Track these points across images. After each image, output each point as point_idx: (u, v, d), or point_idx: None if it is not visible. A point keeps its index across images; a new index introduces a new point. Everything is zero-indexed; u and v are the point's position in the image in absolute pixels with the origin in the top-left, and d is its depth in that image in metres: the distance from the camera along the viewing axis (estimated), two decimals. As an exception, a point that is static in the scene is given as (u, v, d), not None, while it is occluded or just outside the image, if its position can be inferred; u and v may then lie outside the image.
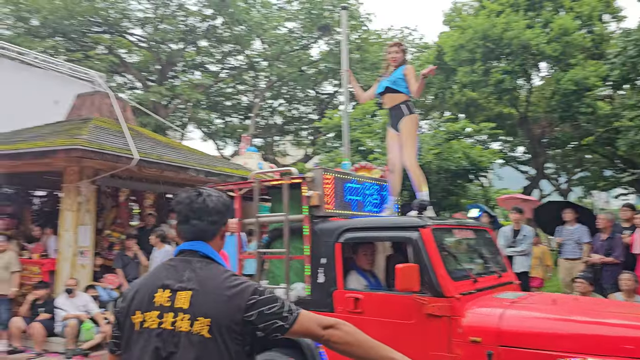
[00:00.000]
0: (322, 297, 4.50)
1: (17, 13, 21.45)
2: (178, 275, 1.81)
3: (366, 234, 4.58)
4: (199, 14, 23.71)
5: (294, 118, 29.26)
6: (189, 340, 1.71)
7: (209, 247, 1.89)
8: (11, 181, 10.58)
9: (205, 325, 1.71)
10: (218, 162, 12.11)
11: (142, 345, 1.75)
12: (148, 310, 1.78)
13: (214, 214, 1.90)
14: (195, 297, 1.74)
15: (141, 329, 1.77)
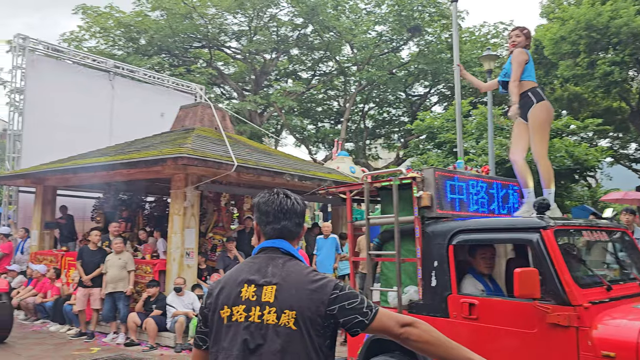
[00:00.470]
0: (435, 301, 4.32)
1: (128, 34, 23.39)
2: (262, 271, 1.89)
3: (481, 236, 4.28)
4: (290, 23, 24.43)
5: (384, 121, 29.17)
6: (276, 332, 1.78)
7: (290, 245, 1.97)
8: (126, 188, 11.56)
9: (292, 317, 1.78)
10: (311, 166, 12.40)
11: (231, 337, 1.83)
12: (235, 304, 1.86)
13: (300, 216, 2.01)
14: (279, 291, 1.82)
15: (229, 322, 1.85)
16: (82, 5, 23.30)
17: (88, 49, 22.99)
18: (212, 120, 11.55)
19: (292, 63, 27.36)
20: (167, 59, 23.97)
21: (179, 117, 12.05)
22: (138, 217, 11.49)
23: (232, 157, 8.76)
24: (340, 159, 17.21)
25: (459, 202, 4.86)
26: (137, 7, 23.77)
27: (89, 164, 9.51)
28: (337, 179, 11.19)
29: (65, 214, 12.08)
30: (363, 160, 26.83)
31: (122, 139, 12.48)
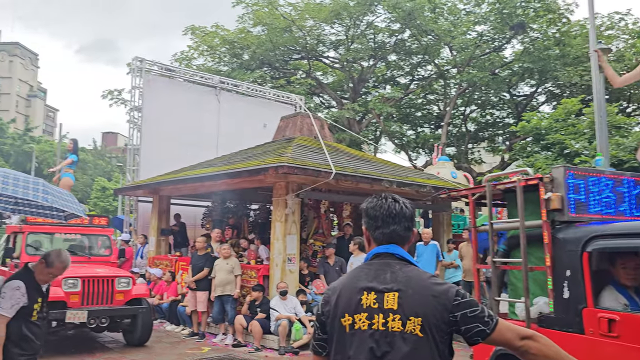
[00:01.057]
0: (568, 315, 3.93)
1: (232, 51, 24.68)
2: (380, 277, 1.87)
3: (622, 242, 3.73)
4: (387, 29, 24.37)
5: (487, 124, 28.06)
6: (403, 339, 1.77)
7: (403, 250, 1.94)
8: (232, 196, 12.16)
9: (417, 324, 1.77)
10: (410, 172, 12.25)
11: (357, 346, 1.82)
12: (357, 312, 1.84)
13: (410, 219, 1.97)
14: (402, 298, 1.80)
15: (352, 330, 1.84)
16: (191, 27, 24.98)
17: (197, 67, 24.57)
18: (311, 129, 11.83)
19: (390, 69, 27.24)
20: (268, 71, 24.92)
21: (280, 128, 12.47)
22: (243, 224, 12.02)
23: (330, 165, 8.91)
24: (441, 164, 16.82)
25: (595, 203, 4.42)
26: (240, 25, 25.01)
27: (198, 175, 10.15)
28: (438, 185, 10.96)
29: (179, 222, 12.96)
30: (465, 164, 25.98)
31: (227, 150, 13.17)
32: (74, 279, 7.76)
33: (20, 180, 4.08)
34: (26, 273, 3.76)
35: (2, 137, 51.00)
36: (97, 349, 8.47)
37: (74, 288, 7.72)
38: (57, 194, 4.29)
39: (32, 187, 4.10)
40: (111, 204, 33.57)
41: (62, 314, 7.48)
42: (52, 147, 55.01)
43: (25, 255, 8.47)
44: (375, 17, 24.07)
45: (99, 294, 7.95)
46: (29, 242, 8.91)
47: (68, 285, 7.67)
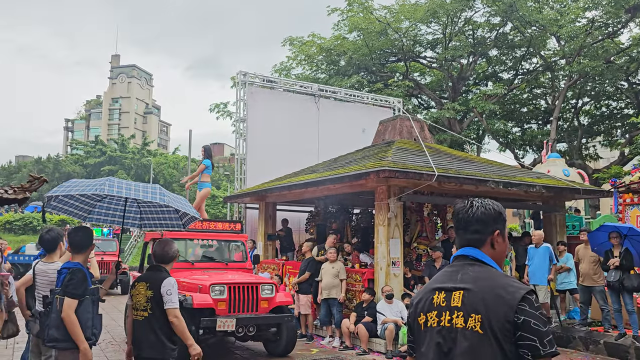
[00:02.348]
0: None
1: (329, 58, 25.11)
2: (453, 278, 1.96)
3: None
4: (487, 24, 23.51)
5: (603, 116, 26.03)
6: (464, 335, 1.83)
7: (479, 252, 1.99)
8: (334, 201, 12.37)
9: (477, 321, 1.81)
10: (517, 172, 11.70)
11: (427, 342, 1.93)
12: (429, 310, 1.95)
13: (477, 223, 2.00)
14: (466, 296, 1.87)
15: (425, 328, 1.95)
16: (289, 38, 25.79)
17: (295, 76, 25.32)
18: (411, 131, 11.72)
19: (491, 65, 26.22)
20: (365, 76, 25.03)
21: (379, 131, 12.49)
22: (346, 228, 12.17)
23: (432, 167, 8.77)
24: (552, 162, 15.91)
25: None
26: (335, 32, 25.40)
27: (302, 181, 10.44)
28: (548, 184, 10.37)
29: (286, 227, 13.42)
30: (579, 161, 24.28)
31: (328, 156, 13.42)
32: (220, 286, 7.49)
33: (140, 187, 4.58)
34: (164, 270, 4.15)
35: (124, 152, 55.89)
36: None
37: (221, 295, 7.43)
38: (172, 197, 4.74)
39: (151, 191, 4.59)
40: (220, 211, 35.48)
41: (212, 321, 7.21)
42: (167, 159, 59.33)
43: None
44: (473, 13, 23.32)
45: (244, 301, 7.64)
46: None
47: (215, 292, 7.40)
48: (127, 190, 4.42)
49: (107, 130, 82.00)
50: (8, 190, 3.28)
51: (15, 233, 29.46)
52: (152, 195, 4.57)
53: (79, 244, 4.13)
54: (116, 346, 8.82)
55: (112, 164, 53.09)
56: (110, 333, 9.87)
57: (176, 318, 3.92)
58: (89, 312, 3.93)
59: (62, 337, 3.80)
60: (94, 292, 4.02)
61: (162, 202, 4.58)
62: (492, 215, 2.02)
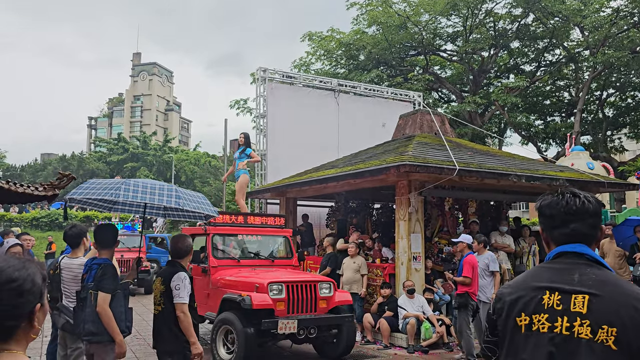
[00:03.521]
0: None
1: (348, 53, 25.04)
2: (566, 278, 1.70)
3: None
4: (508, 15, 23.18)
5: (629, 107, 25.49)
6: (590, 348, 1.58)
7: (591, 251, 1.74)
8: (355, 196, 12.37)
9: (612, 335, 1.56)
10: (540, 165, 11.55)
11: (532, 349, 1.68)
12: (536, 312, 1.69)
13: (594, 215, 1.78)
14: (595, 303, 1.61)
15: (528, 331, 1.70)
16: (308, 33, 25.78)
17: (315, 72, 25.31)
18: (432, 125, 11.65)
19: (513, 57, 25.85)
20: (384, 70, 24.91)
21: (399, 126, 12.44)
22: (367, 223, 12.17)
23: (453, 162, 8.71)
24: (575, 155, 15.70)
25: None
26: (354, 26, 25.31)
27: (322, 176, 10.47)
28: (572, 177, 10.22)
29: (307, 222, 13.47)
30: (604, 154, 23.84)
31: (348, 151, 13.41)
32: (278, 284, 6.98)
33: (157, 189, 4.61)
34: (178, 264, 4.19)
35: (146, 149, 56.62)
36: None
37: (280, 294, 6.92)
38: (189, 198, 4.78)
39: (167, 193, 4.63)
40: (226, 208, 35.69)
41: (273, 323, 6.66)
42: (188, 156, 59.95)
43: (213, 259, 7.92)
44: (494, 4, 23.03)
45: (303, 301, 7.12)
46: (216, 244, 8.18)
47: (273, 292, 6.89)
48: (142, 194, 4.47)
49: (129, 128, 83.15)
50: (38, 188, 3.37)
51: (42, 229, 30.12)
52: (167, 198, 4.59)
53: (105, 241, 4.23)
54: (141, 340, 8.98)
55: (134, 161, 53.85)
56: (136, 327, 10.04)
57: (182, 313, 3.95)
58: (122, 306, 4.04)
59: (98, 330, 3.92)
60: (124, 287, 4.13)
61: (177, 205, 4.60)
62: (599, 209, 1.79)
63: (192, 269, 8.17)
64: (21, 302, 1.38)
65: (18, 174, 53.16)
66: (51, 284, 5.33)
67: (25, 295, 1.38)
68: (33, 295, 1.40)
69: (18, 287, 1.37)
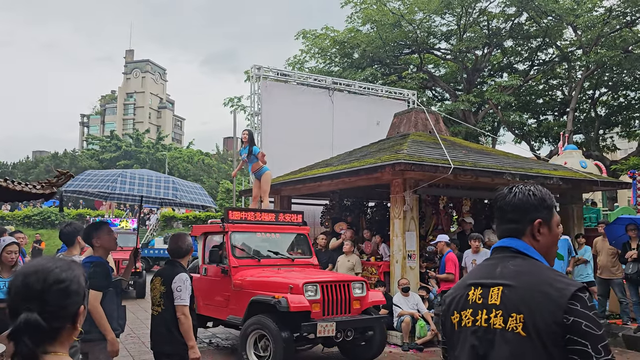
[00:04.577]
0: None
1: (342, 51, 25.02)
2: (491, 272, 1.73)
3: None
4: (502, 14, 23.26)
5: (621, 107, 25.65)
6: (503, 337, 1.61)
7: (521, 243, 1.75)
8: (349, 194, 12.38)
9: (519, 321, 1.59)
10: (533, 164, 11.61)
11: (461, 344, 1.72)
12: (463, 308, 1.74)
13: (513, 212, 1.78)
14: (506, 293, 1.64)
15: (459, 328, 1.74)
16: (302, 31, 25.73)
17: (309, 70, 25.28)
18: (426, 124, 11.67)
19: (507, 56, 25.95)
20: (379, 69, 24.92)
21: (393, 124, 12.46)
22: (361, 221, 12.18)
23: (448, 160, 8.74)
24: (568, 153, 15.77)
25: None
26: (349, 24, 25.30)
27: (316, 175, 10.47)
28: (565, 176, 10.28)
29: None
30: (596, 152, 23.98)
31: (342, 150, 13.41)
32: (313, 285, 6.60)
33: (154, 181, 4.58)
34: (178, 265, 4.16)
35: (139, 147, 56.39)
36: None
37: (315, 295, 6.55)
38: (187, 189, 4.75)
39: (164, 185, 4.59)
40: (235, 205, 35.65)
41: (312, 326, 6.28)
42: (181, 153, 59.75)
43: (234, 259, 7.41)
44: (488, 3, 23.09)
45: (337, 302, 6.76)
46: (234, 243, 7.63)
47: (309, 293, 6.51)
48: (139, 186, 4.44)
49: (122, 125, 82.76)
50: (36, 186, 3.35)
51: (34, 227, 29.92)
52: (164, 190, 4.56)
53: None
54: (135, 338, 8.95)
55: (127, 159, 53.59)
56: (130, 326, 10.01)
57: (183, 315, 3.91)
58: (114, 304, 4.01)
59: (89, 328, 3.89)
60: (117, 284, 4.10)
61: (174, 197, 4.58)
62: (531, 201, 1.77)
63: (206, 269, 7.95)
64: (68, 303, 1.37)
65: (9, 172, 52.80)
66: None
67: (72, 297, 1.38)
68: (79, 297, 1.40)
69: (66, 288, 1.37)
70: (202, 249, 8.21)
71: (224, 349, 8.35)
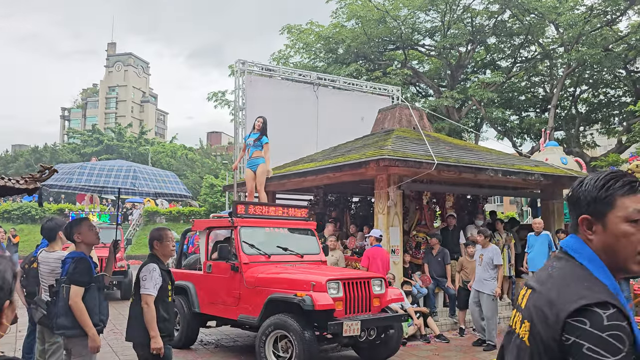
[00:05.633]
0: None
1: (327, 46, 25.02)
2: (540, 273, 1.59)
3: None
4: (485, 11, 23.44)
5: (601, 104, 26.07)
6: (515, 343, 1.52)
7: (572, 242, 1.54)
8: (333, 190, 12.41)
9: (526, 330, 1.45)
10: (516, 160, 11.75)
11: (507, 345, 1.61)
12: (516, 310, 1.62)
13: (574, 203, 1.55)
14: (529, 297, 1.51)
15: (509, 329, 1.64)
16: (287, 26, 25.66)
17: (294, 65, 25.22)
18: (410, 120, 11.73)
19: (490, 53, 26.17)
20: (363, 64, 24.97)
21: (378, 120, 12.49)
22: (345, 216, 12.23)
23: (432, 156, 8.80)
24: (550, 150, 15.98)
25: None
26: (334, 20, 25.30)
27: (301, 170, 10.47)
28: (546, 172, 10.43)
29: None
30: (577, 149, 24.35)
31: (327, 145, 13.42)
32: (335, 282, 6.30)
33: (114, 170, 4.50)
34: (153, 257, 4.16)
35: (121, 141, 55.80)
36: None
37: (338, 293, 6.27)
38: (150, 177, 4.67)
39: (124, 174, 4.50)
40: (219, 200, 35.51)
41: (338, 325, 5.97)
42: (164, 148, 59.24)
43: (244, 255, 7.03)
44: (472, 0, 23.27)
45: (358, 299, 6.50)
46: (244, 238, 7.22)
47: (332, 290, 6.22)
48: (97, 177, 4.40)
49: (104, 119, 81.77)
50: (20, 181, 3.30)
51: (14, 222, 29.47)
52: (123, 180, 4.48)
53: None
54: (118, 334, 8.88)
55: (109, 153, 53.00)
56: (113, 321, 9.93)
57: (146, 305, 3.92)
58: (95, 299, 3.99)
59: (70, 324, 3.86)
60: (99, 280, 4.08)
61: (132, 186, 4.50)
62: (582, 193, 1.52)
63: (210, 266, 7.51)
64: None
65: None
66: (27, 278, 5.24)
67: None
68: (3, 292, 1.35)
69: None
70: (205, 244, 7.83)
71: (233, 349, 8.02)
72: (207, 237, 7.91)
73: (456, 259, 9.58)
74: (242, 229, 7.25)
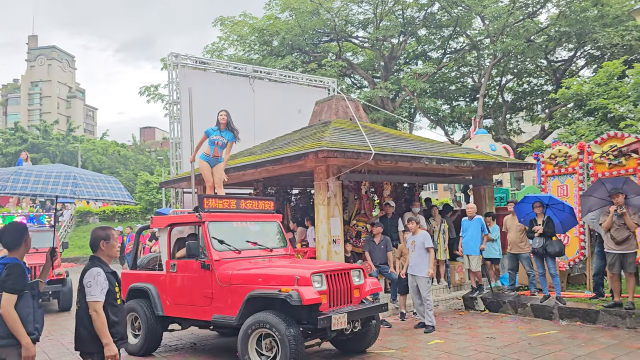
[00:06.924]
0: None
1: (262, 38, 24.83)
2: None
3: None
4: (416, 4, 24.03)
5: (525, 92, 27.45)
6: None
7: None
8: (273, 182, 12.40)
9: None
10: (448, 148, 12.19)
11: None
12: None
13: None
14: None
15: None
16: (219, 18, 25.23)
17: (228, 57, 24.85)
18: (347, 111, 11.89)
19: (421, 44, 26.89)
20: (298, 56, 24.99)
21: (315, 112, 12.58)
22: (286, 209, 12.26)
23: (369, 146, 8.98)
24: (479, 138, 16.66)
25: None
26: (267, 12, 25.12)
27: (240, 164, 10.39)
28: (478, 159, 10.89)
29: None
30: (504, 136, 25.54)
31: (265, 138, 13.38)
32: (319, 275, 6.12)
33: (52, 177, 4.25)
34: (96, 260, 3.98)
35: (48, 139, 52.98)
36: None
37: (322, 286, 6.09)
38: (92, 184, 4.48)
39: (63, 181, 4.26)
40: (155, 197, 34.55)
41: (327, 319, 5.84)
42: (95, 145, 56.84)
43: (215, 252, 6.73)
44: (403, -7, 23.76)
45: (340, 292, 6.34)
46: (213, 234, 6.88)
47: (316, 284, 6.03)
48: (34, 184, 4.09)
49: (27, 116, 77.27)
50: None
51: None
52: (62, 187, 4.22)
53: (12, 242, 3.96)
54: (54, 340, 8.53)
55: (34, 152, 50.19)
56: (48, 328, 9.51)
57: (95, 312, 3.73)
58: (29, 307, 3.80)
59: (3, 333, 3.67)
60: (33, 287, 3.89)
61: (72, 194, 4.25)
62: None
63: (174, 265, 7.15)
64: None
65: None
66: None
67: None
68: None
69: None
70: (167, 243, 7.40)
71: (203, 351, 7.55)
72: (169, 235, 7.48)
73: (395, 246, 9.84)
74: (211, 224, 6.92)
